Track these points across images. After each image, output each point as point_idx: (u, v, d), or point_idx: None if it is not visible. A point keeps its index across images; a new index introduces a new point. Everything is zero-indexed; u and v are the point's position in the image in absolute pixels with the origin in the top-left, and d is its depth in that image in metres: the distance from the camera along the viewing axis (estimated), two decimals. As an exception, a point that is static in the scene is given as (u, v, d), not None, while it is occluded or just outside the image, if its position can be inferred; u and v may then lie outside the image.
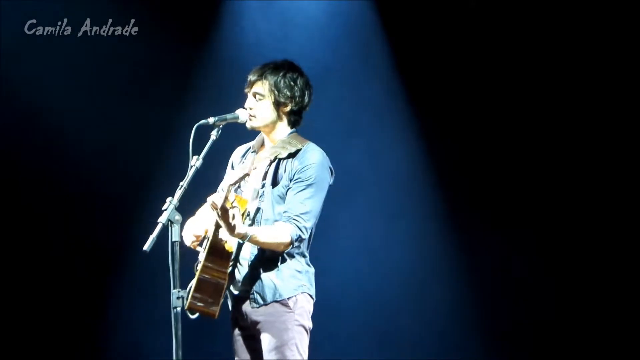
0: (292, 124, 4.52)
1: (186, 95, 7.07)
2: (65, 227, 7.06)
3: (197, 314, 4.28)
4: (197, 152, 4.13)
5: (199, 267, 4.28)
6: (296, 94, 4.47)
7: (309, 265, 4.49)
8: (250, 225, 4.37)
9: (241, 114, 4.39)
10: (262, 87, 4.46)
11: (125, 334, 7.10)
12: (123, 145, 7.00)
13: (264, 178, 4.44)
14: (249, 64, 4.65)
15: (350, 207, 7.02)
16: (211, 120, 4.26)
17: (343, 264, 7.06)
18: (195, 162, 4.11)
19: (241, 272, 4.41)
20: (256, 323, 4.40)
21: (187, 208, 4.04)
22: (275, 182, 4.42)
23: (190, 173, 4.10)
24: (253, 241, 4.26)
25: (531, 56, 6.92)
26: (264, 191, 4.42)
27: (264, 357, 4.36)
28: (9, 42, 6.81)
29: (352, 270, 7.10)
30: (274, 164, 4.44)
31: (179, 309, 3.91)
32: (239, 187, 4.40)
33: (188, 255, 4.09)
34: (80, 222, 7.07)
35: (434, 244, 7.16)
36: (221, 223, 4.15)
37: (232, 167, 4.64)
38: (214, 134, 4.24)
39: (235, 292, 4.44)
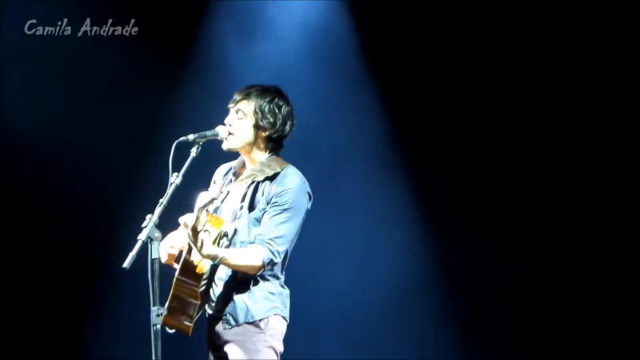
0: (270, 150, 4.52)
1: (167, 112, 7.08)
2: (44, 242, 7.05)
3: (173, 330, 4.27)
4: (177, 169, 4.13)
5: (174, 283, 4.27)
6: (278, 121, 4.47)
7: (282, 287, 4.49)
8: (228, 246, 4.37)
9: (221, 131, 4.40)
10: (247, 106, 4.47)
11: (105, 349, 7.08)
12: (100, 163, 7.01)
13: (242, 200, 4.45)
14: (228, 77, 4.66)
15: (330, 217, 7.02)
16: (191, 137, 4.26)
17: (325, 274, 7.07)
18: (175, 179, 4.11)
19: (216, 292, 4.42)
20: (227, 343, 4.41)
21: (167, 225, 4.03)
22: (252, 206, 4.43)
23: (170, 190, 4.09)
24: (224, 263, 4.28)
25: (530, 56, 6.93)
26: (242, 213, 4.42)
27: None
28: (9, 42, 6.81)
29: (335, 281, 7.11)
30: (252, 187, 4.44)
31: (158, 326, 3.90)
32: (216, 207, 4.41)
33: (169, 272, 4.08)
34: (60, 237, 7.05)
35: (417, 253, 7.16)
36: (191, 244, 4.17)
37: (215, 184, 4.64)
38: (193, 151, 4.24)
39: (210, 312, 4.45)
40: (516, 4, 6.93)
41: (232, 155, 4.55)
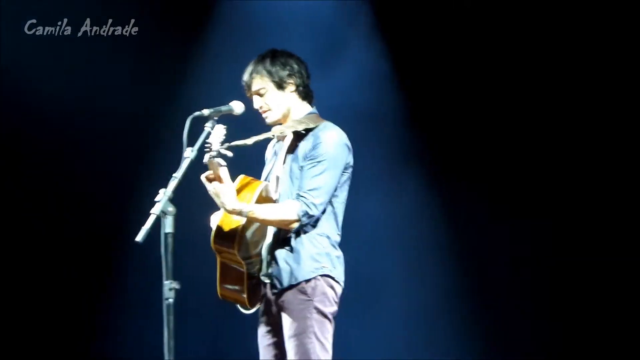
0: (304, 97, 4.51)
1: (180, 87, 7.07)
2: (60, 216, 7.09)
3: (251, 310, 4.37)
4: (191, 143, 4.12)
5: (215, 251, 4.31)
6: (293, 69, 4.48)
7: (334, 247, 4.42)
8: None
9: (235, 106, 4.38)
10: (261, 80, 4.48)
11: (120, 325, 7.12)
12: (117, 136, 7.01)
13: (284, 162, 4.47)
14: (245, 56, 4.66)
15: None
16: (206, 112, 4.23)
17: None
18: (189, 153, 4.09)
19: (264, 256, 4.40)
20: (277, 309, 4.40)
21: (181, 199, 4.03)
22: (292, 165, 4.42)
23: (184, 165, 4.07)
24: (252, 218, 4.25)
25: (529, 55, 6.90)
26: (284, 176, 4.43)
27: (285, 344, 4.36)
28: (9, 42, 6.80)
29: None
30: (291, 148, 4.45)
31: (171, 300, 3.90)
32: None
33: (182, 247, 4.09)
34: (74, 213, 7.10)
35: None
36: (212, 196, 4.18)
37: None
38: (208, 126, 4.21)
39: (261, 278, 4.43)
40: (512, 3, 6.87)
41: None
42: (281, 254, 4.37)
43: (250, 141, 4.34)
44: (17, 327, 7.04)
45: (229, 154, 4.18)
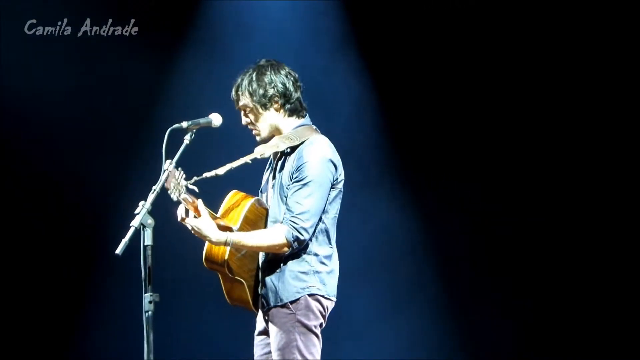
0: (292, 113, 4.46)
1: (158, 101, 7.08)
2: (37, 233, 7.06)
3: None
4: (170, 156, 4.12)
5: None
6: (277, 88, 4.42)
7: (323, 264, 4.39)
8: (265, 224, 4.38)
9: (214, 118, 4.38)
10: (244, 99, 4.45)
11: (100, 337, 7.10)
12: (94, 149, 7.01)
13: (274, 177, 4.46)
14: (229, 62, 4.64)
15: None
16: (184, 124, 4.24)
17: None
18: (168, 166, 4.09)
19: (258, 275, 4.41)
20: (266, 325, 4.42)
21: (160, 212, 4.03)
22: (280, 182, 4.40)
23: (163, 177, 4.07)
24: (239, 246, 4.25)
25: (529, 55, 6.93)
26: (273, 191, 4.42)
27: (272, 357, 4.37)
28: (9, 42, 6.79)
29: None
30: (280, 163, 4.43)
31: (150, 313, 3.89)
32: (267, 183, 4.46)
33: (162, 259, 4.08)
34: (52, 227, 7.06)
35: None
36: (194, 234, 4.19)
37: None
38: (187, 138, 4.22)
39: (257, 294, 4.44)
40: (515, 2, 6.90)
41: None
42: (268, 273, 4.37)
43: (221, 171, 4.32)
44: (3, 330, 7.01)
45: (195, 189, 4.18)
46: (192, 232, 4.23)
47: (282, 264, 4.35)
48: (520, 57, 6.92)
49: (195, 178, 4.18)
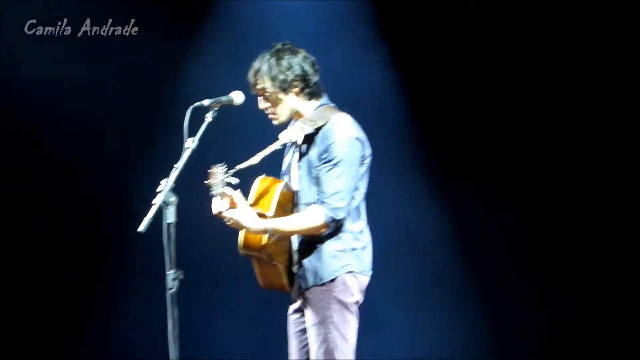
0: (311, 96, 4.47)
1: (181, 80, 7.08)
2: (61, 209, 7.11)
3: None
4: (192, 134, 4.13)
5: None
6: (296, 72, 4.42)
7: (357, 240, 4.43)
8: (293, 208, 4.42)
9: (235, 96, 4.38)
10: (263, 83, 4.45)
11: (124, 315, 7.15)
12: (117, 130, 7.03)
13: (299, 160, 4.47)
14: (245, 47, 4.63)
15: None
16: (206, 102, 4.25)
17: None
18: (190, 143, 4.10)
19: (294, 254, 4.45)
20: (303, 304, 4.46)
21: (182, 190, 4.05)
22: (309, 164, 4.42)
23: (185, 155, 4.09)
24: (279, 232, 4.30)
25: (530, 55, 6.88)
26: (301, 174, 4.44)
27: (307, 333, 4.42)
28: (9, 42, 6.81)
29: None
30: (306, 144, 4.44)
31: (173, 290, 3.92)
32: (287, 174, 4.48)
33: (184, 237, 4.10)
34: (75, 204, 7.11)
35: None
36: (234, 226, 4.23)
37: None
38: (209, 116, 4.23)
39: (294, 270, 4.48)
40: (515, 2, 6.85)
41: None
42: (306, 254, 4.41)
43: (257, 159, 4.37)
44: (21, 321, 7.06)
45: (235, 180, 4.24)
46: (229, 223, 4.26)
47: (319, 244, 4.39)
48: (553, 53, 6.85)
49: (230, 172, 4.23)
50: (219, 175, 4.21)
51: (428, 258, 7.11)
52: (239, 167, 4.30)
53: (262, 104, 4.50)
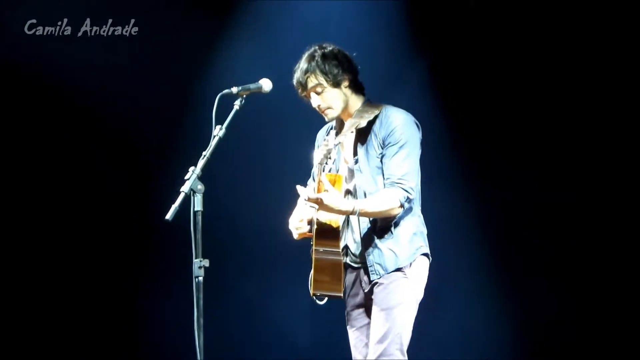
0: (358, 89, 4.58)
1: (205, 70, 7.06)
2: (91, 199, 7.12)
3: (325, 299, 4.46)
4: (220, 121, 4.12)
5: (313, 251, 4.43)
6: (344, 64, 4.53)
7: (423, 224, 4.56)
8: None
9: (264, 84, 4.36)
10: (316, 79, 4.51)
11: (151, 304, 7.17)
12: (145, 115, 7.01)
13: (355, 154, 4.52)
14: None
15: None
16: (234, 89, 4.24)
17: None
18: (218, 131, 4.10)
19: (356, 243, 4.50)
20: (372, 290, 4.48)
21: (210, 178, 4.03)
22: (368, 155, 4.48)
23: (214, 143, 4.08)
24: (363, 214, 4.36)
25: (531, 55, 6.81)
26: (359, 166, 4.50)
27: (373, 316, 4.46)
28: (9, 42, 6.81)
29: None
30: (360, 138, 4.50)
31: (200, 278, 3.91)
32: (331, 164, 4.47)
33: (210, 225, 4.09)
34: (104, 194, 7.12)
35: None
36: (325, 210, 4.29)
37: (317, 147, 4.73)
38: (237, 104, 4.22)
39: (352, 264, 4.53)
40: (516, 2, 6.78)
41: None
42: (382, 240, 4.46)
43: (334, 153, 4.42)
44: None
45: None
46: (317, 207, 4.29)
47: (395, 229, 4.46)
48: (590, 54, 6.77)
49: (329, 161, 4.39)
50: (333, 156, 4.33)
51: (455, 248, 7.07)
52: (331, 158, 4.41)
53: (316, 100, 4.54)
